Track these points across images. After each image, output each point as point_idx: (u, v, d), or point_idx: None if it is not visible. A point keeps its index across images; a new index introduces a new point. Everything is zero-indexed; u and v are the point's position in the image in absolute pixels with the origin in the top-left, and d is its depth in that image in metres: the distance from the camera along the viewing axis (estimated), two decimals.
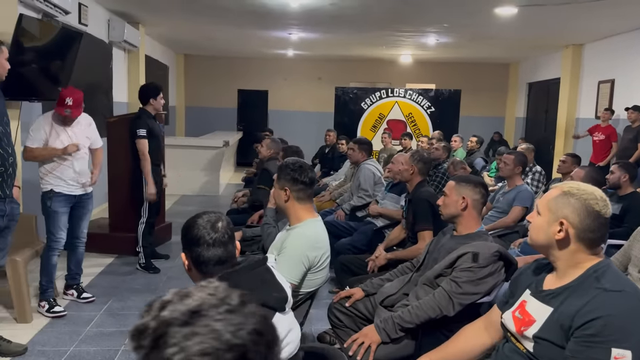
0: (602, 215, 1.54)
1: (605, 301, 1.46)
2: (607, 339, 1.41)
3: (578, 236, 1.56)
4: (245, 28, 8.58)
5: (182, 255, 1.69)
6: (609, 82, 8.39)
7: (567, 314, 1.51)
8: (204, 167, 8.73)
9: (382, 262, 3.38)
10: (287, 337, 1.63)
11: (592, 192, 1.57)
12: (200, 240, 1.62)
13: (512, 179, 4.26)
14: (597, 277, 1.52)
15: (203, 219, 1.67)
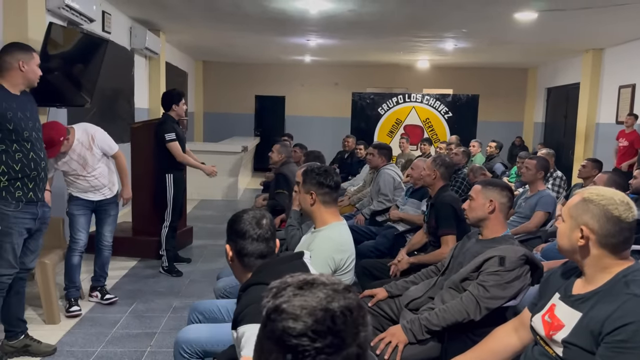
0: (624, 219, 1.54)
1: (636, 307, 1.45)
2: (639, 344, 1.41)
3: (600, 242, 1.56)
4: (264, 34, 8.66)
5: (227, 246, 1.83)
6: (630, 86, 8.30)
7: (596, 320, 1.51)
8: (222, 172, 8.77)
9: (404, 266, 3.39)
10: None
11: (611, 197, 1.57)
12: (245, 234, 1.77)
13: (535, 184, 4.25)
14: (627, 282, 1.52)
15: (249, 215, 1.81)
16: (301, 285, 0.89)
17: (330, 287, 0.89)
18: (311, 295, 0.87)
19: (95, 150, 3.76)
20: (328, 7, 6.47)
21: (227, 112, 13.27)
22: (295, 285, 0.89)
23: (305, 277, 0.91)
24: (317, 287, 0.89)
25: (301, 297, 0.87)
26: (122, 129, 6.81)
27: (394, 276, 3.41)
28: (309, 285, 0.89)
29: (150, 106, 8.38)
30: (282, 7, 6.52)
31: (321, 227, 2.50)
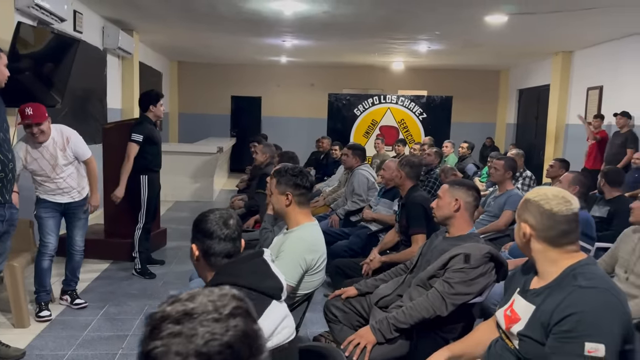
0: (556, 212, 1.63)
1: (580, 298, 1.52)
2: (581, 334, 1.47)
3: (539, 236, 1.66)
4: (239, 35, 8.65)
5: (193, 246, 1.83)
6: (598, 88, 8.54)
7: (546, 312, 1.58)
8: (197, 173, 8.77)
9: (376, 265, 3.45)
10: (284, 322, 1.70)
11: (545, 194, 1.68)
12: (213, 234, 1.77)
13: (503, 183, 4.35)
14: (575, 275, 1.60)
15: (215, 215, 1.80)
16: (179, 318, 0.80)
17: (212, 317, 0.80)
18: (189, 332, 0.78)
19: (67, 153, 3.69)
20: (303, 9, 6.50)
21: (202, 113, 13.19)
22: (173, 320, 0.80)
23: (184, 307, 0.82)
24: (197, 319, 0.80)
25: (178, 336, 0.78)
26: (94, 130, 6.73)
27: (366, 275, 3.47)
28: (187, 317, 0.80)
29: (123, 107, 8.29)
30: (256, 8, 6.53)
31: (294, 228, 2.52)
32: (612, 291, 1.55)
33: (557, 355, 1.51)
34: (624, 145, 7.24)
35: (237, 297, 0.87)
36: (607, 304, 1.51)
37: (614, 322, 1.48)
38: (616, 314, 1.49)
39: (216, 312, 0.81)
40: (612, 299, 1.52)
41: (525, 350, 1.64)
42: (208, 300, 0.84)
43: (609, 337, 1.46)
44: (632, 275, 2.63)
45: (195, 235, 1.82)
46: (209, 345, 0.78)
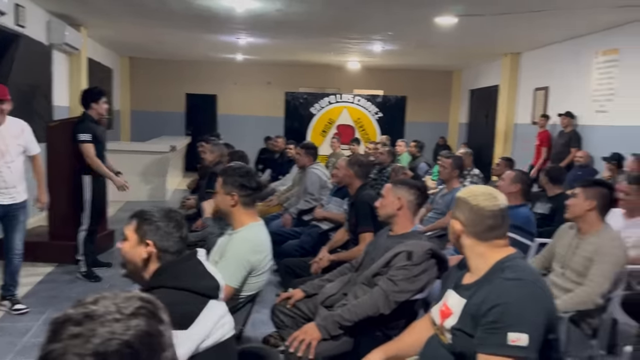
0: (483, 207, 1.69)
1: (505, 289, 1.58)
2: (505, 324, 1.52)
3: (468, 232, 1.73)
4: (192, 32, 8.51)
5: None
6: (544, 89, 8.85)
7: (475, 304, 1.63)
8: (149, 172, 8.57)
9: (325, 264, 3.46)
10: (222, 320, 1.68)
11: (472, 191, 1.75)
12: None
13: (450, 181, 4.45)
14: (502, 269, 1.65)
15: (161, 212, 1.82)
16: (80, 320, 0.79)
17: (113, 318, 0.80)
18: (89, 334, 0.77)
19: (20, 142, 3.67)
20: (255, 6, 6.45)
21: (156, 111, 12.90)
22: (73, 322, 0.79)
23: (86, 309, 0.81)
24: (97, 320, 0.79)
25: (78, 337, 0.77)
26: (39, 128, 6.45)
27: (315, 274, 3.48)
28: (88, 319, 0.79)
29: (70, 104, 8.01)
30: (207, 4, 6.44)
31: (238, 229, 2.50)
32: (537, 283, 1.61)
33: (482, 346, 1.55)
34: (568, 144, 7.53)
35: (144, 299, 0.86)
36: (530, 295, 1.56)
37: (537, 312, 1.53)
38: (539, 305, 1.54)
39: (118, 313, 0.81)
40: (536, 290, 1.57)
41: (457, 344, 1.68)
42: (112, 302, 0.83)
43: (532, 327, 1.51)
44: (567, 270, 2.74)
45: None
46: (107, 344, 0.77)
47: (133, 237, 1.78)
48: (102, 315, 0.80)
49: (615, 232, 2.75)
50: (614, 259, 2.55)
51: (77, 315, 0.80)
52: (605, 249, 2.58)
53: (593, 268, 2.57)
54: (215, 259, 2.46)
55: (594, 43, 7.38)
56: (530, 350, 1.49)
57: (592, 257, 2.61)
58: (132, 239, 1.77)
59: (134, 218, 1.81)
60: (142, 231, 1.76)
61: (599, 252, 2.59)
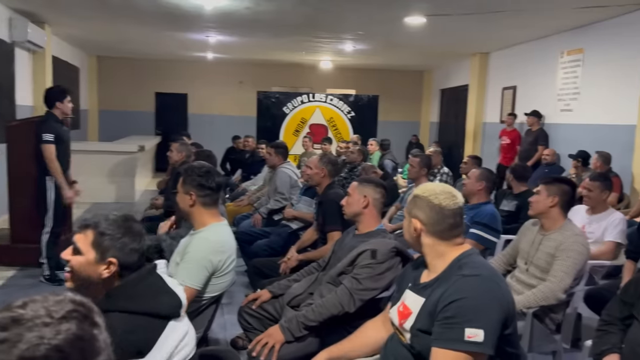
0: (445, 207, 1.68)
1: (462, 285, 1.58)
2: (462, 319, 1.52)
3: (429, 231, 1.71)
4: (161, 30, 8.38)
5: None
6: (512, 88, 9.01)
7: (433, 302, 1.63)
8: (118, 173, 8.39)
9: (293, 264, 3.43)
10: (184, 340, 1.63)
11: (433, 189, 1.73)
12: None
13: (419, 179, 4.48)
14: (460, 266, 1.66)
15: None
16: (6, 325, 0.75)
17: (42, 322, 0.76)
18: (15, 339, 0.74)
19: None
20: (223, 4, 6.38)
21: (124, 110, 12.66)
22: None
23: (13, 313, 0.77)
24: (24, 325, 0.75)
25: (2, 344, 0.73)
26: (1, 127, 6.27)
27: (284, 274, 3.45)
28: (15, 324, 0.75)
29: (35, 103, 7.80)
30: (175, 2, 6.34)
31: (199, 229, 2.45)
32: (494, 278, 1.62)
33: (439, 341, 1.55)
34: (535, 143, 7.67)
35: (77, 301, 0.83)
36: (487, 290, 1.56)
37: (494, 308, 1.53)
38: (496, 300, 1.55)
39: (47, 317, 0.78)
40: (492, 286, 1.58)
41: (417, 344, 1.67)
42: (42, 305, 0.79)
43: (488, 322, 1.51)
44: (531, 266, 2.77)
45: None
46: (35, 349, 0.73)
47: (90, 252, 1.57)
48: (30, 319, 0.76)
49: (577, 228, 2.80)
50: (576, 254, 2.59)
51: (3, 319, 0.76)
52: (568, 245, 2.62)
53: (556, 264, 2.61)
54: (176, 260, 2.42)
55: (559, 43, 7.53)
56: (486, 346, 1.50)
57: (555, 253, 2.65)
58: (89, 254, 1.57)
59: (90, 229, 1.60)
60: (103, 247, 1.58)
61: (562, 248, 2.63)
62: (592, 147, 6.21)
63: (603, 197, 3.63)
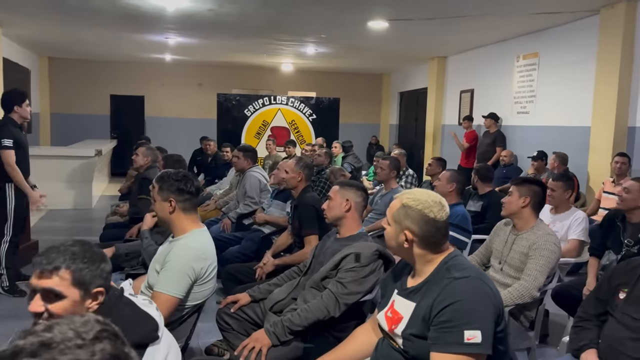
0: (439, 220, 1.70)
1: (455, 288, 1.60)
2: (459, 322, 1.55)
3: (421, 243, 1.71)
4: (118, 31, 8.14)
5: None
6: (469, 91, 9.26)
7: (425, 306, 1.64)
8: (74, 178, 8.10)
9: (270, 269, 3.41)
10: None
11: (426, 201, 1.71)
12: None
13: (388, 182, 4.54)
14: (448, 268, 1.68)
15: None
16: (35, 350, 0.71)
17: (74, 344, 0.73)
18: None
19: None
20: (186, 5, 6.27)
21: (78, 113, 12.24)
22: (27, 353, 0.71)
23: (40, 338, 0.73)
24: (56, 348, 0.72)
25: None
26: None
27: (260, 279, 3.42)
28: (45, 348, 0.72)
29: None
30: (136, 3, 6.18)
31: (180, 236, 2.39)
32: (483, 279, 1.66)
33: (438, 345, 1.57)
34: (493, 144, 7.92)
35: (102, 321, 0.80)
36: (479, 291, 1.60)
37: (487, 308, 1.57)
38: (488, 301, 1.59)
39: (79, 338, 0.74)
40: (483, 287, 1.62)
41: (410, 348, 1.68)
42: (69, 327, 0.76)
43: (484, 323, 1.55)
44: (505, 265, 2.86)
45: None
46: None
47: (73, 293, 1.45)
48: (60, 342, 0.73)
49: (549, 227, 2.90)
50: (548, 253, 2.69)
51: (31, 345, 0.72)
52: (540, 244, 2.71)
53: (529, 263, 2.70)
54: (156, 268, 2.35)
55: (515, 47, 7.80)
56: (484, 346, 1.53)
57: (528, 252, 2.74)
58: (73, 295, 1.46)
59: (62, 270, 1.45)
60: (87, 281, 1.48)
61: (535, 247, 2.72)
62: (549, 148, 6.46)
63: (566, 197, 3.78)
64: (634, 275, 2.06)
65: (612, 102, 5.52)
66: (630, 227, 3.20)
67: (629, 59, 5.44)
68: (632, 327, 1.98)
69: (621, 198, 3.23)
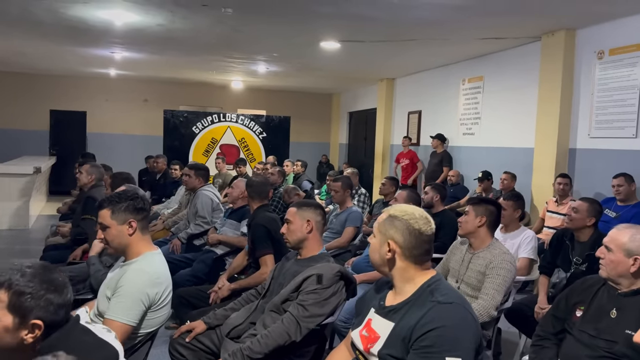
0: (424, 232, 1.70)
1: (439, 313, 1.59)
2: (441, 348, 1.53)
3: (404, 254, 1.70)
4: (61, 44, 7.81)
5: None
6: (417, 112, 9.49)
7: (406, 327, 1.62)
8: (10, 197, 7.63)
9: (225, 293, 3.28)
10: None
11: (412, 213, 1.73)
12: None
13: (345, 202, 4.53)
14: (431, 291, 1.66)
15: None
16: None
17: None
18: None
19: None
20: (135, 20, 6.10)
21: (14, 128, 11.60)
22: None
23: None
24: None
25: None
26: None
27: (214, 304, 3.29)
28: None
29: None
30: (82, 15, 5.95)
31: (132, 259, 2.26)
32: (466, 306, 1.65)
33: None
34: (440, 164, 8.12)
35: None
36: (462, 319, 1.59)
37: (470, 336, 1.56)
38: (470, 329, 1.58)
39: None
40: (466, 314, 1.61)
41: None
42: None
43: (466, 351, 1.54)
44: (462, 284, 2.88)
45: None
46: None
47: (6, 317, 1.35)
48: None
49: (504, 246, 2.95)
50: (505, 272, 2.73)
51: None
52: (497, 263, 2.75)
53: (487, 282, 2.73)
54: (106, 294, 2.21)
55: (461, 71, 8.08)
56: None
57: (485, 271, 2.78)
58: (5, 320, 1.35)
59: (2, 289, 1.35)
60: (24, 309, 1.35)
61: (491, 266, 2.76)
62: (494, 168, 6.68)
63: (516, 216, 3.88)
64: (590, 293, 2.12)
65: (554, 124, 5.79)
66: (578, 245, 3.31)
67: (569, 83, 5.74)
68: (590, 345, 2.03)
69: (570, 217, 3.35)
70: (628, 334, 1.97)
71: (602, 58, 5.46)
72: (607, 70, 5.39)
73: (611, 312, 2.07)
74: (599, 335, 2.03)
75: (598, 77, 5.48)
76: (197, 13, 5.70)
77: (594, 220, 3.31)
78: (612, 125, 5.34)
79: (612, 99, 5.32)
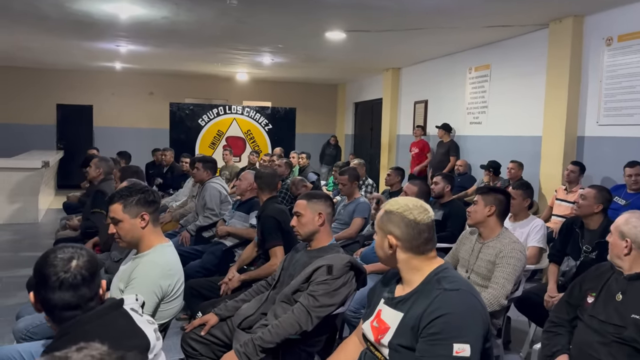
0: (420, 222, 1.70)
1: (446, 300, 1.59)
2: (449, 335, 1.53)
3: (404, 247, 1.71)
4: (67, 38, 7.82)
5: (30, 294, 1.47)
6: (423, 102, 9.44)
7: (414, 316, 1.62)
8: (19, 191, 7.68)
9: (235, 285, 3.30)
10: None
11: (406, 204, 1.74)
12: (47, 280, 1.41)
13: (352, 194, 4.54)
14: (439, 280, 1.67)
15: (56, 255, 1.45)
16: None
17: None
18: None
19: None
20: (140, 13, 6.09)
21: (21, 123, 11.66)
22: None
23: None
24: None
25: None
26: None
27: (225, 295, 3.31)
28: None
29: None
30: (87, 9, 5.95)
31: (144, 252, 2.27)
32: (473, 292, 1.66)
33: (426, 357, 1.55)
34: (447, 154, 8.10)
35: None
36: (471, 305, 1.59)
37: (477, 322, 1.57)
38: (478, 315, 1.58)
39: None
40: (474, 301, 1.61)
41: (396, 359, 1.66)
42: (83, 355, 0.73)
43: (473, 337, 1.54)
44: (472, 274, 2.89)
45: (33, 281, 1.46)
46: None
47: None
48: None
49: (514, 235, 2.95)
50: (515, 261, 2.73)
51: None
52: (507, 253, 2.75)
53: (497, 271, 2.73)
54: (119, 287, 2.23)
55: (467, 59, 8.02)
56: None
57: (495, 260, 2.78)
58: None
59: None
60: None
61: (501, 255, 2.76)
62: (501, 157, 6.66)
63: (525, 205, 3.87)
64: (602, 280, 2.12)
65: (562, 112, 5.75)
66: (588, 233, 3.30)
67: (577, 70, 5.69)
68: (601, 331, 2.03)
69: (578, 205, 3.34)
70: (636, 319, 1.97)
71: (610, 44, 5.40)
72: (615, 57, 5.34)
73: (617, 296, 2.08)
74: (607, 320, 2.04)
75: (606, 64, 5.43)
76: (201, 5, 5.69)
77: (602, 207, 3.29)
78: (621, 112, 5.30)
79: (621, 85, 5.28)
